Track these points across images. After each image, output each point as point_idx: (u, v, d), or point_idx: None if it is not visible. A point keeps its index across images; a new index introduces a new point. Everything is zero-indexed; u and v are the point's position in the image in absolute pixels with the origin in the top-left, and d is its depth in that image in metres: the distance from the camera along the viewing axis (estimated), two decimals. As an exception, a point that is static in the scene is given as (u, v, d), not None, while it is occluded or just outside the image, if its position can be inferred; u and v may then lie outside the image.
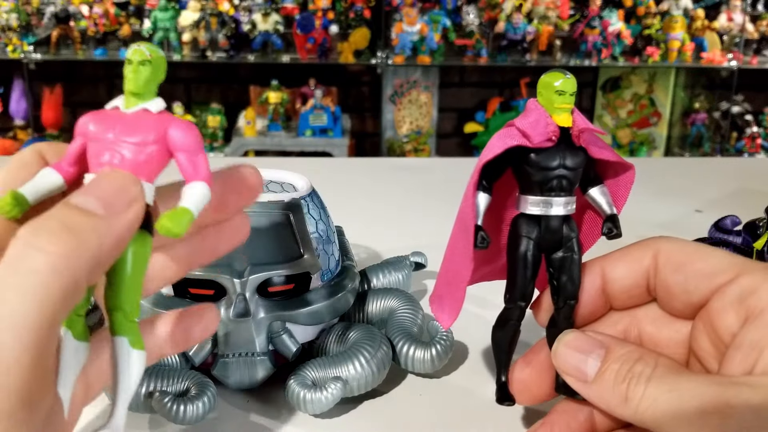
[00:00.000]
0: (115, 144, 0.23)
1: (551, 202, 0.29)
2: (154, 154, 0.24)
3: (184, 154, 0.24)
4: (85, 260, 0.20)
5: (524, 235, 0.29)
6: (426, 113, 2.36)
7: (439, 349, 0.38)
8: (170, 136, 0.24)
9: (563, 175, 0.28)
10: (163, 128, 0.24)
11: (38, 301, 0.19)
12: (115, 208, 0.22)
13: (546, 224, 0.29)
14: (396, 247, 0.51)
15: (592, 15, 2.20)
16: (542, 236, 0.29)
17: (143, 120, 0.24)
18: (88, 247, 0.20)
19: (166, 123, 0.24)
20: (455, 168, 0.86)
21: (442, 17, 2.16)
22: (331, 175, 0.84)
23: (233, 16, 2.14)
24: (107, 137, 0.23)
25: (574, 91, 0.28)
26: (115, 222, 0.21)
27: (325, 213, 0.42)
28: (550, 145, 0.28)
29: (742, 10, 2.28)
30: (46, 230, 0.20)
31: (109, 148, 0.23)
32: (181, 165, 0.24)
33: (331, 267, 0.41)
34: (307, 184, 0.42)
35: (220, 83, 2.42)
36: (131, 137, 0.23)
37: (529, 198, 0.29)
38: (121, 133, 0.23)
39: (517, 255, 0.29)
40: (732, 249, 0.43)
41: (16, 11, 2.14)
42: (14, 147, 2.23)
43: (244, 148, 2.22)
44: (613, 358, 0.26)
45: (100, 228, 0.21)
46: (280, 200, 0.39)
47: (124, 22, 2.18)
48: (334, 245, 0.42)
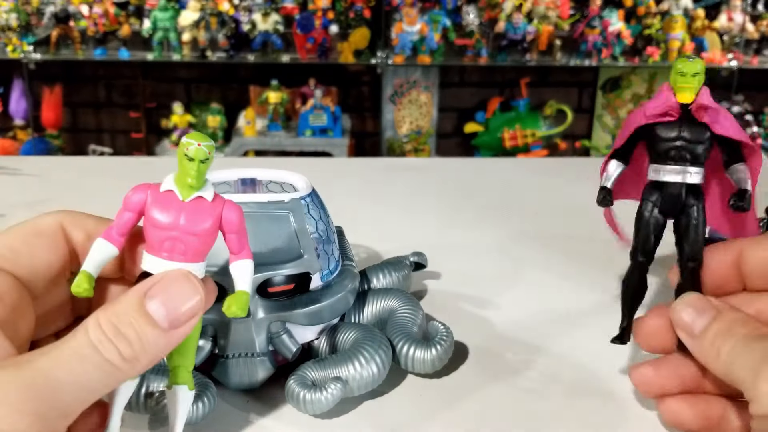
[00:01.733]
0: (181, 238, 0.27)
1: (670, 170, 0.32)
2: (210, 239, 0.28)
3: (234, 234, 0.28)
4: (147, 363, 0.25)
5: (647, 198, 0.33)
6: (426, 113, 2.36)
7: (439, 350, 0.38)
8: (224, 219, 0.28)
9: (682, 146, 0.32)
10: (218, 213, 0.28)
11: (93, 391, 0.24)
12: (179, 323, 0.26)
13: (667, 190, 0.33)
14: (396, 247, 0.51)
15: (592, 15, 2.20)
16: (662, 200, 0.33)
17: (202, 209, 0.27)
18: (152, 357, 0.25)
19: (219, 208, 0.28)
20: (455, 168, 0.86)
21: (442, 17, 2.16)
22: (330, 175, 0.84)
23: (233, 15, 2.14)
24: (172, 231, 0.27)
25: (695, 71, 0.32)
26: (176, 334, 0.26)
27: (325, 213, 0.42)
28: (671, 120, 0.32)
29: (742, 10, 2.28)
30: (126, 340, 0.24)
31: (176, 239, 0.27)
32: (231, 243, 0.28)
33: (330, 267, 0.40)
34: (307, 184, 0.42)
35: (220, 83, 2.41)
36: (195, 228, 0.27)
37: (654, 166, 0.33)
38: (186, 226, 0.27)
39: (641, 215, 0.34)
40: None
41: (15, 11, 2.13)
42: (14, 147, 2.23)
43: (243, 148, 2.22)
44: (720, 319, 0.29)
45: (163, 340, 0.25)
46: (281, 200, 0.39)
47: (123, 21, 2.18)
48: (333, 245, 0.42)
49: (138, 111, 2.37)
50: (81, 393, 0.23)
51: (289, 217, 0.38)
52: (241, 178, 0.44)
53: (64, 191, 0.74)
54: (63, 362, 0.23)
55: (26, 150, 2.21)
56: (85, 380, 0.23)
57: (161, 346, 0.25)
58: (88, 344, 0.24)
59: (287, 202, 0.38)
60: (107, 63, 2.27)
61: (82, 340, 0.24)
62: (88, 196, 0.71)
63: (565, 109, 2.34)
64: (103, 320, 0.24)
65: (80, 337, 0.24)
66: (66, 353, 0.23)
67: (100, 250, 0.27)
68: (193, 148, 0.27)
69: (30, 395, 0.21)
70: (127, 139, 2.45)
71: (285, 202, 0.38)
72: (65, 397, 0.22)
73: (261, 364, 0.36)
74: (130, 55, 2.20)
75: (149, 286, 0.26)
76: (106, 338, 0.24)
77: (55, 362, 0.23)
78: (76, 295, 0.26)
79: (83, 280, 0.26)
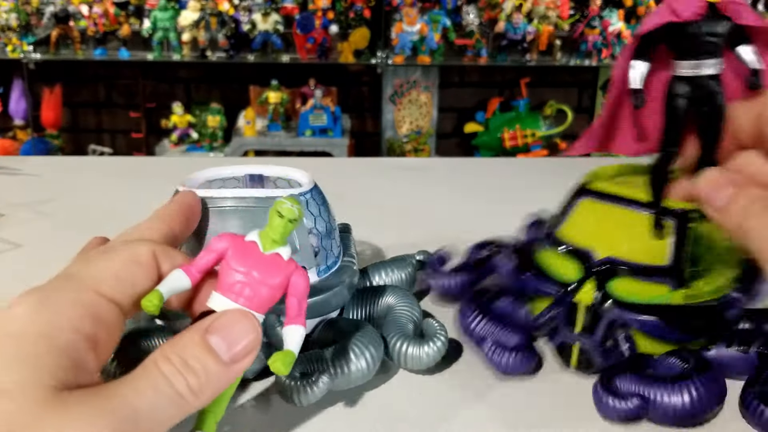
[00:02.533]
0: (251, 284, 0.29)
1: (701, 64, 0.34)
2: (276, 293, 0.29)
3: (296, 299, 0.30)
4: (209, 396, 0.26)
5: (678, 93, 0.35)
6: (426, 113, 2.37)
7: (433, 347, 0.38)
8: (292, 283, 0.30)
9: (711, 41, 0.33)
10: (289, 273, 0.30)
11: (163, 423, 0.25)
12: (238, 358, 0.27)
13: (696, 83, 0.34)
14: (396, 248, 0.51)
15: (592, 15, 2.20)
16: (692, 93, 0.35)
17: (277, 264, 0.29)
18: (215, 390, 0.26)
19: (291, 270, 0.30)
20: (455, 168, 0.87)
21: (442, 17, 2.16)
22: (331, 175, 0.84)
23: (233, 15, 2.14)
24: (252, 275, 0.29)
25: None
26: (236, 368, 0.27)
27: (326, 209, 0.42)
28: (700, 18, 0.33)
29: (741, 10, 2.28)
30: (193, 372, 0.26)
31: (251, 285, 0.29)
32: (291, 307, 0.30)
33: (329, 263, 0.41)
34: (310, 180, 0.43)
35: (220, 83, 2.42)
36: (270, 279, 0.29)
37: (682, 62, 0.34)
38: (263, 274, 0.29)
39: (672, 109, 0.35)
40: None
41: (15, 11, 2.14)
42: (14, 147, 2.23)
43: (243, 148, 2.23)
44: (742, 195, 0.32)
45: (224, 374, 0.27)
46: (278, 196, 0.39)
47: (123, 21, 2.18)
48: (333, 242, 0.42)
49: (138, 111, 2.38)
50: (154, 424, 0.24)
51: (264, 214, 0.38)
52: (249, 174, 0.45)
53: (64, 191, 0.74)
54: (142, 393, 0.24)
55: (26, 150, 2.21)
56: (160, 411, 0.25)
57: (223, 380, 0.27)
58: (161, 376, 0.25)
59: (266, 198, 0.39)
60: (107, 63, 2.27)
61: (155, 371, 0.25)
62: (89, 196, 0.71)
63: (565, 109, 2.34)
64: (170, 354, 0.26)
65: (152, 369, 0.25)
66: (143, 384, 0.25)
67: (176, 279, 0.29)
68: (286, 206, 0.29)
69: (116, 424, 0.23)
70: (127, 139, 2.45)
71: (266, 199, 0.39)
72: (141, 426, 0.24)
73: None
74: (130, 55, 2.20)
75: (210, 322, 0.27)
76: (176, 370, 0.25)
77: (135, 393, 0.24)
78: (145, 310, 0.28)
79: (155, 297, 0.28)
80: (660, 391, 0.34)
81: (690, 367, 0.36)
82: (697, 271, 0.38)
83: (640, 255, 0.38)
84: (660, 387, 0.34)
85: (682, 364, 0.36)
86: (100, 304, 0.27)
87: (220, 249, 0.29)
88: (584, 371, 0.39)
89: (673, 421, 0.34)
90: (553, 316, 0.39)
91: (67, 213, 0.66)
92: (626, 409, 0.34)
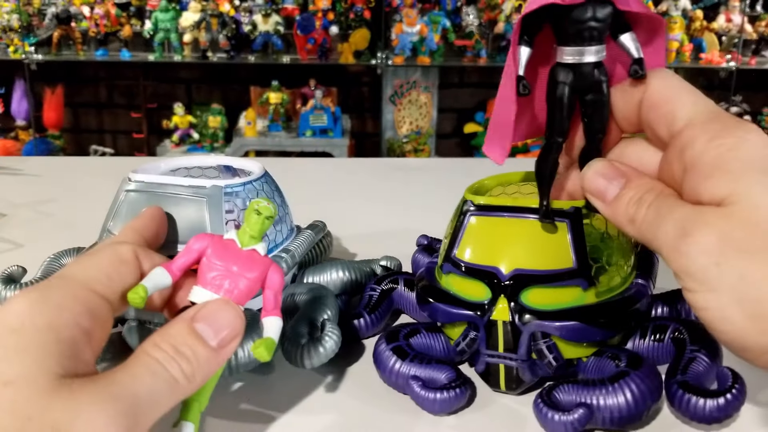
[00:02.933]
0: (231, 277, 0.30)
1: (584, 51, 0.33)
2: (254, 287, 0.31)
3: (272, 292, 0.31)
4: (201, 380, 0.28)
5: (561, 80, 0.34)
6: (426, 114, 2.37)
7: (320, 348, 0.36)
8: (269, 277, 0.31)
9: (594, 26, 0.32)
10: (266, 268, 0.31)
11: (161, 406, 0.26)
12: (225, 343, 0.29)
13: (579, 70, 0.33)
14: (396, 247, 0.52)
15: (591, 16, 2.20)
16: (576, 81, 0.33)
17: (255, 259, 0.31)
18: (205, 374, 0.28)
19: (268, 265, 0.32)
20: (455, 168, 0.87)
21: (441, 18, 2.17)
22: (330, 176, 0.84)
23: (234, 16, 2.15)
24: (231, 269, 0.31)
25: None
26: (224, 353, 0.29)
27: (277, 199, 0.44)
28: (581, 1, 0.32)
29: (740, 11, 2.28)
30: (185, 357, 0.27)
31: (230, 278, 0.30)
32: (267, 300, 0.31)
33: None
34: (260, 168, 0.44)
35: (220, 84, 2.42)
36: (248, 273, 0.31)
37: (565, 49, 0.33)
38: (242, 268, 0.31)
39: (555, 97, 0.34)
40: None
41: (17, 12, 2.14)
42: (15, 147, 2.24)
43: (244, 148, 2.23)
44: (630, 186, 0.31)
45: (214, 359, 0.28)
46: (202, 185, 0.40)
47: (125, 22, 2.19)
48: (278, 232, 0.43)
49: (139, 111, 2.38)
50: (153, 407, 0.26)
51: (203, 202, 0.39)
52: (222, 165, 0.48)
53: (65, 191, 0.75)
54: (140, 379, 0.26)
55: (28, 150, 2.22)
56: (157, 396, 0.26)
57: (212, 365, 0.28)
58: (156, 362, 0.26)
59: (207, 188, 0.40)
60: (108, 64, 2.28)
61: (149, 359, 0.26)
62: (90, 197, 0.72)
63: (564, 109, 2.35)
64: (161, 342, 0.27)
65: (145, 357, 0.26)
66: (141, 371, 0.26)
67: (159, 275, 0.31)
68: (263, 205, 0.31)
69: (118, 408, 0.24)
70: (129, 140, 2.46)
71: (205, 188, 0.40)
72: (142, 411, 0.25)
73: None
74: (132, 56, 2.21)
75: (195, 311, 0.29)
76: (169, 356, 0.27)
77: (134, 379, 0.25)
78: (131, 302, 0.29)
79: (141, 290, 0.29)
80: (602, 394, 0.33)
81: (624, 364, 0.35)
82: (601, 266, 0.38)
83: (544, 262, 0.37)
84: (601, 390, 0.33)
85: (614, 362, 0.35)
86: (95, 300, 0.28)
87: (199, 248, 0.31)
88: (513, 391, 0.37)
89: (619, 422, 0.33)
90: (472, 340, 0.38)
91: (68, 213, 0.67)
92: (573, 420, 0.33)
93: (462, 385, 0.36)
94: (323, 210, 0.55)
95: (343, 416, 0.36)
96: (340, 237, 0.60)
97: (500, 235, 0.38)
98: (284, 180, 0.49)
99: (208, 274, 0.31)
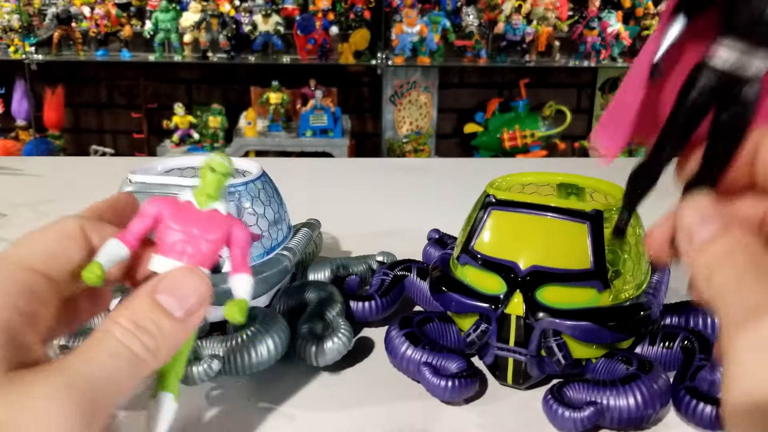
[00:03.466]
0: (192, 241, 0.29)
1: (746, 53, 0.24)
2: (217, 247, 0.29)
3: (239, 249, 0.30)
4: (167, 353, 0.27)
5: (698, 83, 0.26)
6: (426, 114, 2.37)
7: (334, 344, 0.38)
8: (233, 235, 0.30)
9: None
10: (229, 227, 0.30)
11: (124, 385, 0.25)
12: (191, 312, 0.27)
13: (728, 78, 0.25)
14: (395, 248, 0.52)
15: (591, 16, 2.20)
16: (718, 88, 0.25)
17: (215, 219, 0.30)
18: (172, 346, 0.27)
19: (231, 223, 0.30)
20: (455, 168, 0.87)
21: (441, 18, 2.17)
22: (331, 176, 0.84)
23: (234, 17, 2.15)
24: (192, 232, 0.29)
25: None
26: (190, 322, 0.27)
27: (276, 200, 0.44)
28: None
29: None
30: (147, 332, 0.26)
31: (192, 242, 0.29)
32: (235, 258, 0.30)
33: (253, 255, 0.42)
34: (259, 169, 0.44)
35: (221, 84, 2.42)
36: (209, 235, 0.29)
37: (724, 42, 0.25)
38: (202, 231, 0.29)
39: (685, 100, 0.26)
40: None
41: (17, 12, 2.15)
42: (16, 147, 2.24)
43: (244, 148, 2.23)
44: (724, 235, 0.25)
45: (180, 330, 0.27)
46: (190, 185, 0.40)
47: (125, 23, 2.19)
48: (279, 231, 0.43)
49: (139, 112, 2.38)
50: (114, 388, 0.25)
51: None
52: None
53: (65, 191, 0.75)
54: (98, 361, 0.24)
55: (28, 150, 2.22)
56: (118, 376, 0.25)
57: (179, 336, 0.27)
58: (114, 341, 0.25)
59: None
60: (109, 64, 2.28)
61: (107, 338, 0.25)
62: (90, 197, 0.72)
63: (564, 109, 2.35)
64: (121, 319, 0.26)
65: (103, 337, 0.25)
66: (98, 352, 0.25)
67: (113, 247, 0.29)
68: (217, 161, 0.29)
69: (74, 396, 0.23)
70: (129, 140, 2.46)
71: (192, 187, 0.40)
72: (102, 393, 0.24)
73: None
74: (132, 56, 2.21)
75: (157, 283, 0.27)
76: (129, 333, 0.25)
77: (91, 363, 0.24)
78: (87, 281, 0.27)
79: (96, 268, 0.28)
80: (612, 395, 0.34)
81: (635, 368, 0.35)
82: (617, 270, 0.38)
83: (562, 261, 0.37)
84: (611, 391, 0.34)
85: (625, 365, 0.36)
86: (35, 280, 0.27)
87: (153, 213, 0.29)
88: (520, 385, 0.38)
89: (627, 423, 0.34)
90: (483, 332, 0.38)
91: (68, 213, 0.67)
92: (582, 417, 0.33)
93: (473, 375, 0.36)
94: (323, 210, 0.55)
95: (352, 406, 0.37)
96: (340, 236, 0.60)
97: (520, 231, 0.39)
98: (283, 180, 0.49)
99: (168, 240, 0.29)
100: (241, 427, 0.35)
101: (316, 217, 0.51)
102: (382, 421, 0.36)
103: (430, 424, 0.36)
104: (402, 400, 0.37)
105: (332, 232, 0.60)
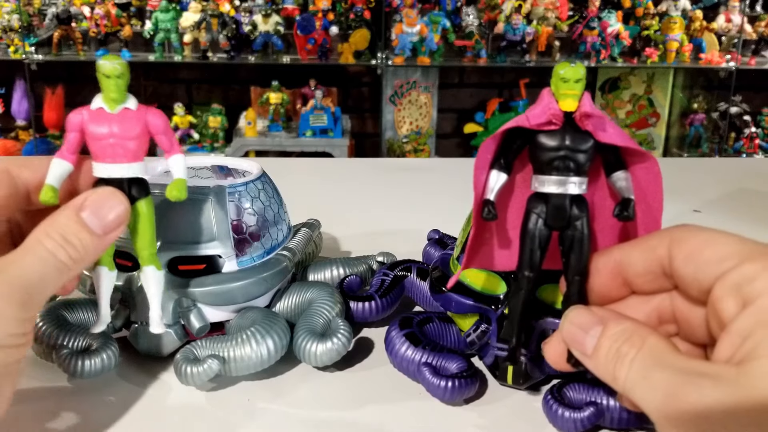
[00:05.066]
0: (119, 144, 0.32)
1: (556, 181, 0.30)
2: (142, 141, 0.33)
3: (162, 135, 0.33)
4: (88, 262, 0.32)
5: (533, 210, 0.31)
6: (426, 114, 2.37)
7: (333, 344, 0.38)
8: (150, 124, 0.33)
9: (567, 156, 0.30)
10: (143, 119, 0.33)
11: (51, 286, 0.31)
12: (109, 230, 0.32)
13: (552, 202, 0.31)
14: (395, 247, 0.52)
15: (590, 16, 2.21)
16: (548, 213, 0.31)
17: (129, 118, 0.33)
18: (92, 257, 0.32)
19: (144, 115, 0.33)
20: (455, 168, 0.87)
21: (441, 18, 2.17)
22: (331, 176, 0.85)
23: (234, 17, 2.15)
24: (110, 139, 0.32)
25: (578, 78, 0.30)
26: (108, 238, 0.32)
27: (276, 200, 0.44)
28: (554, 128, 0.30)
29: (740, 11, 2.29)
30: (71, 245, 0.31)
31: (115, 146, 0.32)
32: (161, 143, 0.33)
33: (255, 254, 0.41)
34: (258, 169, 0.44)
35: (221, 84, 2.43)
36: (130, 132, 0.32)
37: (538, 177, 0.31)
38: (120, 134, 0.32)
39: (526, 228, 0.32)
40: None
41: (17, 12, 2.15)
42: (16, 147, 2.24)
43: (244, 148, 2.23)
44: (606, 336, 0.27)
45: (99, 244, 0.32)
46: (206, 185, 0.40)
47: (125, 23, 2.19)
48: (280, 231, 0.43)
49: (139, 112, 2.38)
50: (44, 287, 0.30)
51: (208, 201, 0.40)
52: (216, 165, 0.48)
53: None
54: (32, 265, 0.30)
55: (28, 150, 2.22)
56: (47, 278, 0.30)
57: (99, 249, 0.32)
58: (45, 250, 0.30)
59: (211, 188, 0.40)
60: (109, 64, 2.28)
61: (39, 248, 0.30)
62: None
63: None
64: (51, 232, 0.31)
65: (36, 246, 0.30)
66: (31, 258, 0.30)
67: (57, 165, 0.32)
68: (108, 66, 0.33)
69: (13, 290, 0.29)
70: (129, 140, 2.46)
71: (209, 188, 0.40)
72: (34, 290, 0.30)
73: (167, 335, 0.39)
74: (132, 56, 2.21)
75: (82, 201, 0.32)
76: (58, 245, 0.30)
77: (26, 266, 0.30)
78: (44, 203, 0.32)
79: (48, 190, 0.32)
80: (611, 395, 0.34)
81: None
82: None
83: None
84: (611, 391, 0.34)
85: None
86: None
87: (76, 124, 0.33)
88: (520, 385, 0.38)
89: (627, 424, 0.34)
90: (483, 332, 0.38)
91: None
92: (582, 417, 0.33)
93: (473, 375, 0.36)
94: (323, 210, 0.55)
95: (351, 407, 0.37)
96: (340, 236, 0.60)
97: None
98: (283, 180, 0.49)
99: (98, 147, 0.32)
100: (241, 427, 0.35)
101: (316, 217, 0.51)
102: (381, 421, 0.36)
103: (430, 424, 0.36)
104: (402, 401, 0.38)
105: (332, 232, 0.60)
